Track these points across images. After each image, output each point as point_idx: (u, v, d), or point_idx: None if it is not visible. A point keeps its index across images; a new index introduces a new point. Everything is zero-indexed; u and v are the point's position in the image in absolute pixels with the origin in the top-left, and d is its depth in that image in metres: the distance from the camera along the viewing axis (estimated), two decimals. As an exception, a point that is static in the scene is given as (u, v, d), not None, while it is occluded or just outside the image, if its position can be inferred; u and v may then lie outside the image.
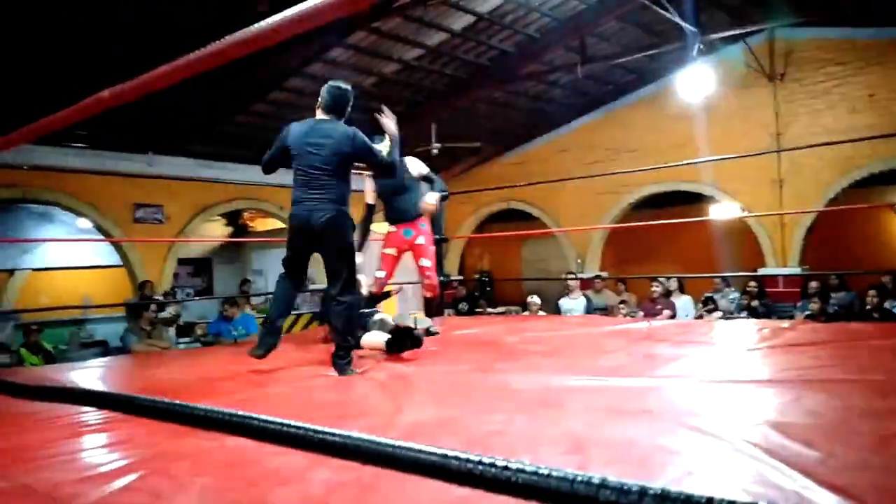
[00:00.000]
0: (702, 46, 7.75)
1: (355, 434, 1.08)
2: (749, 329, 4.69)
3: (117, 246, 8.65)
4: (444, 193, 4.83)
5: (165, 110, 7.86)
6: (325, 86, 3.78)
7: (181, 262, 9.98)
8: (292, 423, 1.15)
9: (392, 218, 4.83)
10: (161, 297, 7.95)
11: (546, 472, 0.72)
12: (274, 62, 7.64)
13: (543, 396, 2.74)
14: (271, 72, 7.88)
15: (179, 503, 1.69)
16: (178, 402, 1.48)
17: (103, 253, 9.98)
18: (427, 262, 4.70)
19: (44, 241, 10.00)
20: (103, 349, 8.57)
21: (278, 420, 1.19)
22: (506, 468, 0.73)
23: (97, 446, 2.29)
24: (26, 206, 9.16)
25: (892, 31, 8.36)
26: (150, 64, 1.29)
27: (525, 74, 9.53)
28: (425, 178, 4.82)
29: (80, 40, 5.91)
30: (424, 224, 4.74)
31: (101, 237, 8.47)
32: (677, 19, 7.44)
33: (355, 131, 3.65)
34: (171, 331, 7.28)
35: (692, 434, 2.08)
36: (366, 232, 4.82)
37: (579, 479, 0.68)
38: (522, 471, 0.73)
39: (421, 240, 4.68)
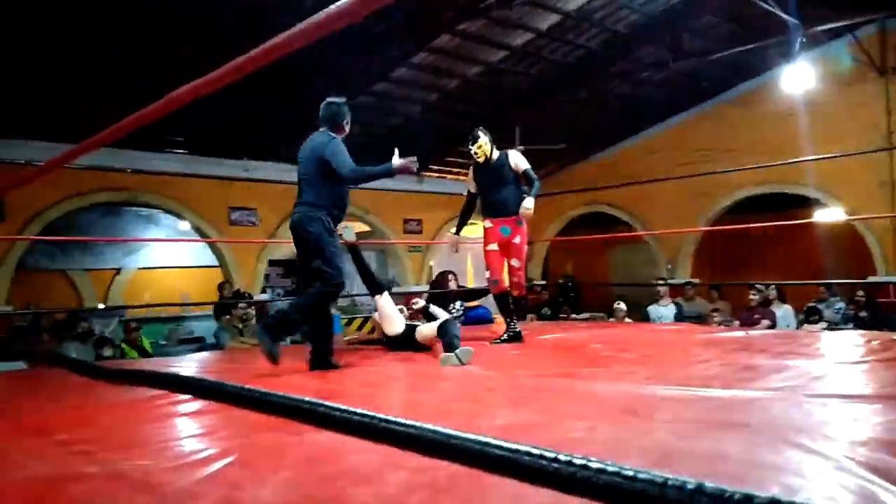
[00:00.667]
0: (804, 40, 7.31)
1: (439, 428, 1.05)
2: (856, 341, 4.35)
3: (214, 247, 9.06)
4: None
5: (258, 116, 8.18)
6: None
7: (272, 263, 10.34)
8: (376, 415, 1.12)
9: (489, 212, 4.78)
10: (246, 297, 8.24)
11: (631, 473, 0.66)
12: (361, 67, 7.80)
13: (630, 405, 2.62)
14: (357, 76, 8.04)
15: (258, 496, 1.70)
16: (262, 390, 1.49)
17: (202, 254, 10.48)
18: (517, 263, 4.70)
19: (145, 240, 10.62)
20: (199, 345, 8.99)
21: (362, 412, 1.17)
22: (584, 467, 0.67)
23: (185, 436, 2.37)
24: (132, 208, 9.75)
25: None
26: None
27: (613, 73, 9.30)
28: (524, 175, 4.74)
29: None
30: (522, 222, 4.69)
31: (199, 238, 8.89)
32: (778, 11, 7.05)
33: (332, 139, 3.79)
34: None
35: (792, 450, 1.92)
36: (462, 220, 5.01)
37: (670, 483, 0.61)
38: (604, 471, 0.67)
39: (517, 240, 4.69)
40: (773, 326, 7.23)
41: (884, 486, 1.58)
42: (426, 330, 4.24)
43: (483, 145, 4.79)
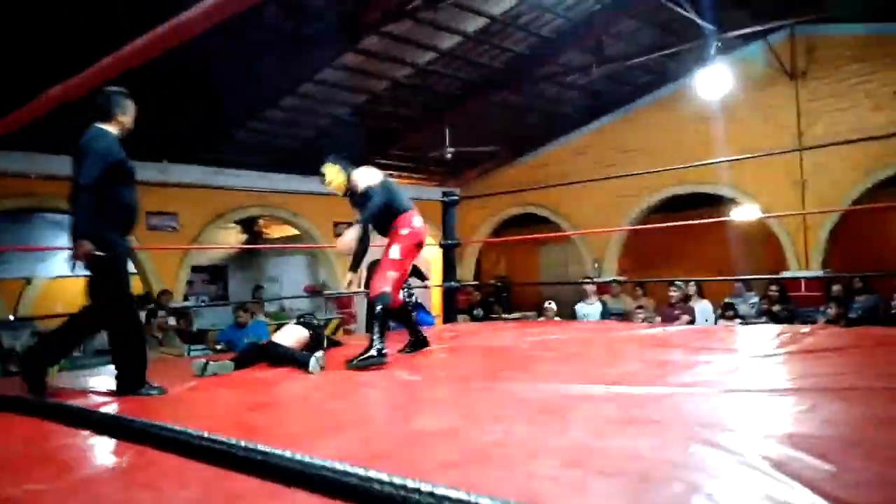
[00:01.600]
0: (720, 45, 7.61)
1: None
2: (767, 334, 4.53)
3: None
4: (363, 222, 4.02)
5: (178, 118, 7.90)
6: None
7: (196, 269, 10.02)
8: (261, 448, 1.06)
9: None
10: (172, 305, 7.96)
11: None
12: (286, 69, 7.65)
13: (549, 405, 2.64)
14: (283, 78, 7.89)
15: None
16: (142, 420, 1.41)
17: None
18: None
19: (57, 248, 10.07)
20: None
21: (249, 446, 1.09)
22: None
23: (84, 457, 2.24)
24: (41, 214, 9.25)
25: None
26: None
27: (540, 77, 9.44)
28: (362, 195, 4.06)
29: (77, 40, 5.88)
30: (397, 225, 4.01)
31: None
32: (695, 17, 7.31)
33: (98, 132, 3.24)
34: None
35: (701, 446, 1.97)
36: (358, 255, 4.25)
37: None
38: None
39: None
40: (692, 322, 7.48)
41: (784, 482, 1.63)
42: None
43: (332, 181, 4.19)
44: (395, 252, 3.93)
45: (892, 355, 3.40)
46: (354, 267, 4.16)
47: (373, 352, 3.65)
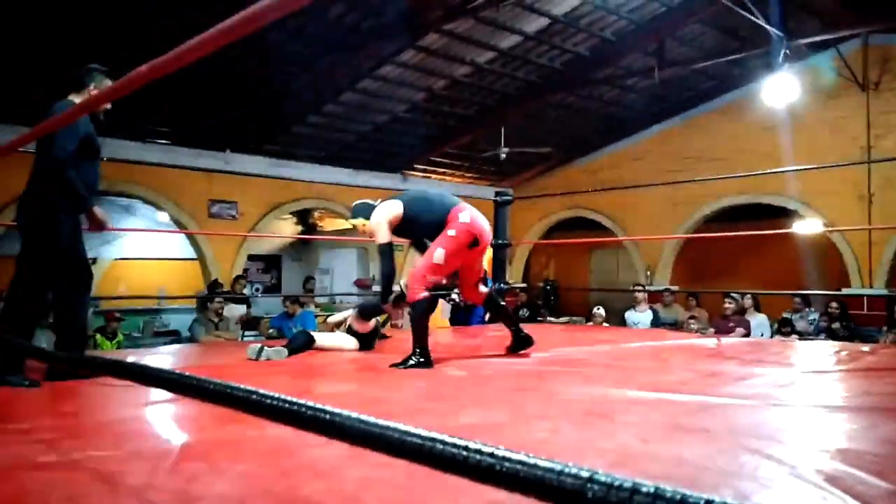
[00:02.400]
0: (788, 52, 7.38)
1: (390, 424, 1.02)
2: (826, 351, 4.40)
3: (192, 239, 8.99)
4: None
5: (241, 110, 8.13)
6: None
7: (252, 258, 10.29)
8: (330, 409, 1.10)
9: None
10: (229, 290, 8.19)
11: (532, 461, 0.67)
12: (347, 64, 7.78)
13: (596, 407, 2.64)
14: (344, 73, 8.02)
15: (212, 489, 1.69)
16: (220, 381, 1.48)
17: (180, 246, 10.40)
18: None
19: (124, 230, 10.50)
20: (174, 338, 8.92)
21: (317, 406, 1.14)
22: (534, 466, 0.67)
23: (147, 427, 2.35)
24: (110, 198, 9.64)
25: None
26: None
27: (600, 79, 9.35)
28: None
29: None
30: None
31: (178, 230, 8.82)
32: (763, 23, 7.11)
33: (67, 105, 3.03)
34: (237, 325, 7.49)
35: (751, 457, 1.94)
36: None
37: (567, 471, 0.62)
38: (508, 459, 0.67)
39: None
40: (747, 335, 7.30)
41: (836, 495, 1.60)
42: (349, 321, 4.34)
43: (362, 226, 4.04)
44: (438, 255, 3.68)
45: (959, 379, 3.26)
46: (384, 299, 3.97)
47: (412, 360, 3.58)
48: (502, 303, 4.27)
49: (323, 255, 12.78)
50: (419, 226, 3.90)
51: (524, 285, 12.36)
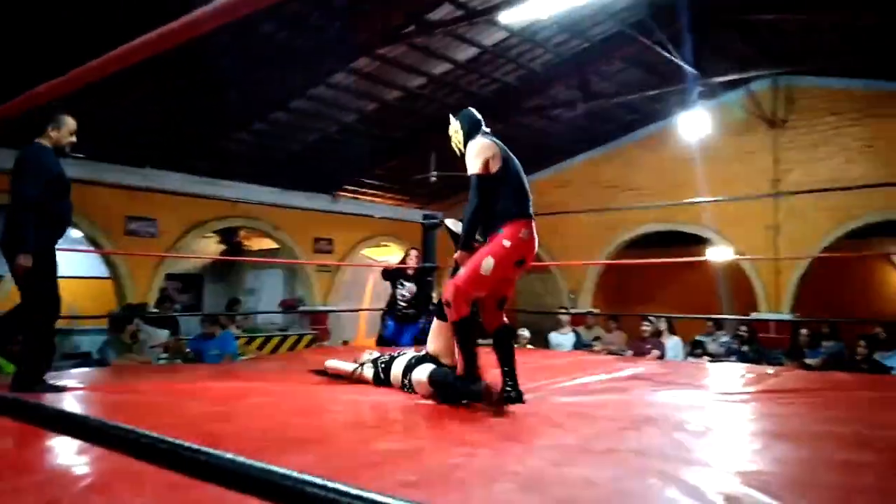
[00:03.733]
0: (702, 89, 7.81)
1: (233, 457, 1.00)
2: (733, 373, 4.62)
3: (106, 258, 8.62)
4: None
5: (165, 124, 7.91)
6: None
7: (171, 277, 9.93)
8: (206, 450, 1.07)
9: None
10: (149, 311, 7.89)
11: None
12: (278, 82, 7.70)
13: (512, 431, 2.69)
14: (275, 92, 7.94)
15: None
16: (100, 420, 1.43)
17: (92, 264, 9.94)
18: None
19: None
20: (84, 361, 8.46)
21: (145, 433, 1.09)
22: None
23: (46, 459, 2.24)
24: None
25: (891, 84, 8.44)
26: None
27: (528, 108, 9.60)
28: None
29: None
30: (501, 230, 3.23)
31: (92, 248, 8.44)
32: (679, 62, 7.50)
33: (32, 148, 3.55)
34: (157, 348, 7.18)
35: (655, 479, 2.02)
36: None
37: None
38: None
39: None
40: (662, 357, 7.57)
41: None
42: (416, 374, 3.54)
43: (453, 133, 3.57)
44: (487, 266, 3.16)
45: (849, 400, 3.49)
46: (462, 245, 3.30)
47: (461, 387, 3.21)
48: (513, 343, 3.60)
49: (248, 275, 12.48)
50: (494, 200, 3.26)
51: (452, 308, 12.41)
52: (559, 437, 2.60)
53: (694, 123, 8.14)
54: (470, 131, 3.46)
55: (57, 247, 3.63)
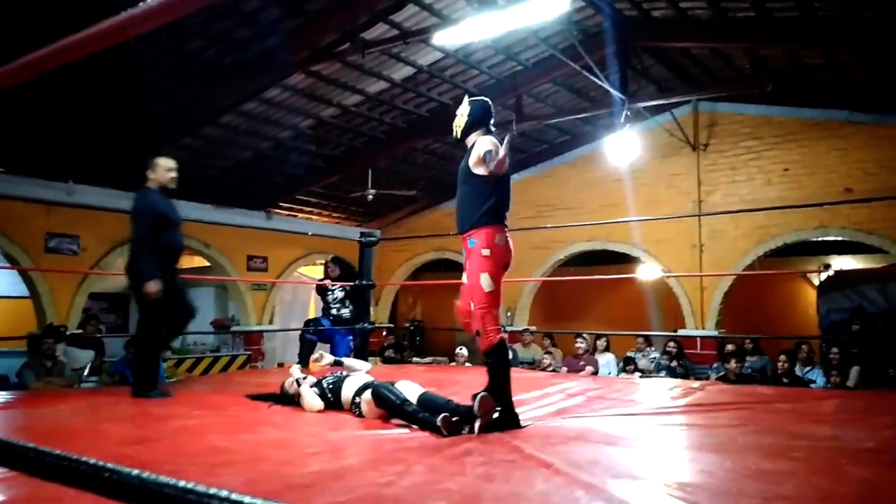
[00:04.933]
0: (629, 113, 8.09)
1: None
2: (661, 388, 4.76)
3: (25, 276, 8.19)
4: None
5: (89, 138, 7.62)
6: None
7: (95, 296, 9.50)
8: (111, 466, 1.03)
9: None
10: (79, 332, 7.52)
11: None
12: (208, 97, 7.55)
13: (444, 448, 2.68)
14: (205, 106, 7.77)
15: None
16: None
17: (9, 283, 9.44)
18: (472, 304, 3.26)
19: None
20: (0, 384, 7.99)
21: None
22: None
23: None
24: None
25: (806, 111, 8.97)
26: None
27: (463, 128, 9.70)
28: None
29: None
30: (474, 241, 3.30)
31: (9, 265, 8.01)
32: (607, 86, 7.76)
33: (140, 193, 4.24)
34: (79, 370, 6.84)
35: (584, 492, 2.06)
36: None
37: None
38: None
39: (467, 266, 3.36)
40: (595, 373, 7.73)
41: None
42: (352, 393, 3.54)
43: (458, 116, 3.48)
44: (486, 282, 3.19)
45: (770, 412, 3.65)
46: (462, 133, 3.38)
47: (496, 414, 3.08)
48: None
49: (177, 295, 12.06)
50: (479, 198, 3.30)
51: (391, 325, 12.38)
52: (490, 453, 2.62)
53: (622, 146, 8.41)
54: (474, 123, 3.40)
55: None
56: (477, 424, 2.97)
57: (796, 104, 9.01)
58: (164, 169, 4.25)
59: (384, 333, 11.42)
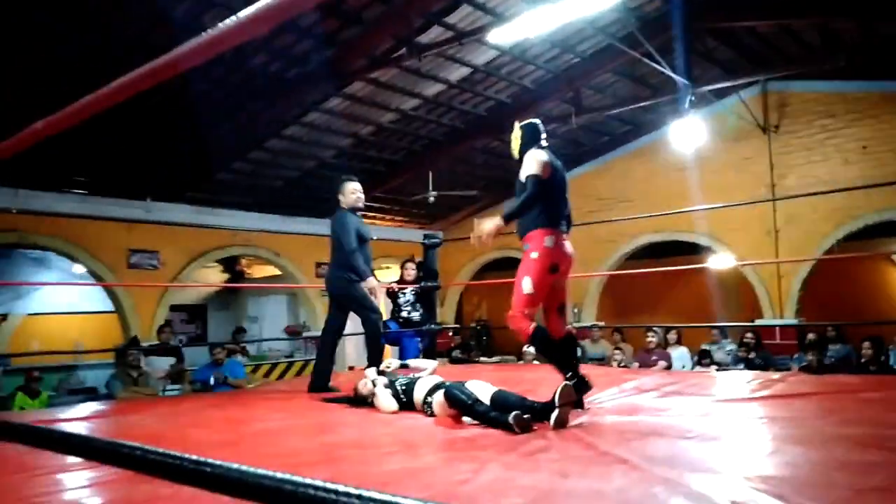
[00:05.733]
0: (694, 98, 7.86)
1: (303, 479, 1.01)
2: (739, 380, 4.61)
3: (110, 292, 8.64)
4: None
5: (164, 157, 7.98)
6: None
7: (175, 308, 9.95)
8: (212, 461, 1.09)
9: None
10: (152, 343, 7.88)
11: (368, 495, 0.72)
12: (272, 111, 7.78)
13: (519, 445, 2.68)
14: (269, 121, 8.01)
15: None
16: (117, 441, 1.44)
17: (96, 299, 9.98)
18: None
19: (38, 284, 10.02)
20: (91, 396, 8.47)
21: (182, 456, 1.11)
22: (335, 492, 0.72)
23: (57, 489, 2.23)
24: (23, 251, 9.20)
25: (883, 84, 8.50)
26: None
27: (521, 125, 9.65)
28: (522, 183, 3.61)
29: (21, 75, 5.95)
30: (528, 245, 3.56)
31: (96, 282, 8.47)
32: (669, 72, 7.57)
33: (338, 213, 4.72)
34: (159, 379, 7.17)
35: (663, 487, 2.02)
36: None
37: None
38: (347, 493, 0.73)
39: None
40: (669, 367, 7.55)
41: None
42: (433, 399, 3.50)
43: (513, 140, 3.82)
44: (527, 286, 3.40)
45: (856, 402, 3.48)
46: (505, 217, 3.58)
47: (568, 384, 3.15)
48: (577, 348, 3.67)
49: (251, 303, 12.49)
50: (538, 204, 3.50)
51: (457, 326, 12.42)
52: (565, 450, 2.60)
53: (687, 133, 8.17)
54: (528, 142, 3.73)
55: (61, 282, 3.91)
56: (554, 416, 2.97)
57: (872, 78, 8.55)
58: (350, 191, 4.72)
59: (450, 334, 11.47)
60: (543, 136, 3.80)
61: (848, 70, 8.11)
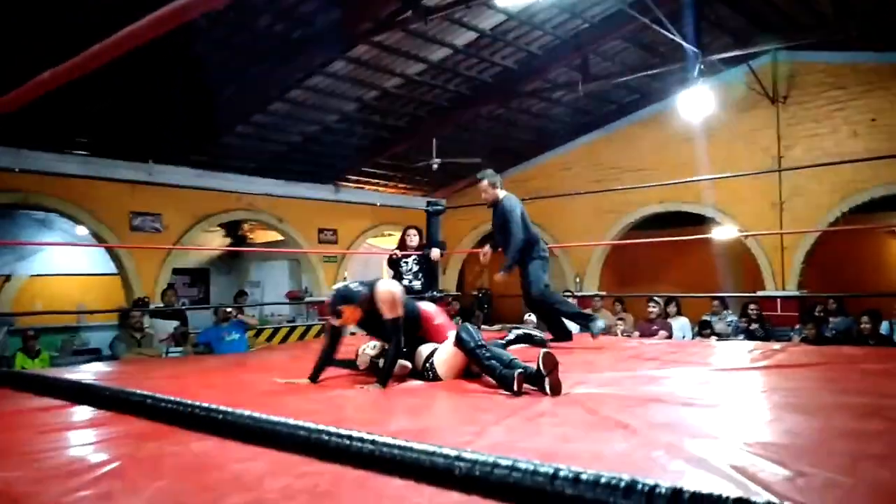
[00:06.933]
0: (703, 67, 7.74)
1: (304, 423, 1.03)
2: (740, 350, 4.63)
3: (113, 254, 8.65)
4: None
5: (167, 119, 7.91)
6: None
7: (177, 271, 9.97)
8: (233, 410, 1.11)
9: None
10: (156, 305, 7.92)
11: (408, 445, 0.73)
12: (276, 74, 7.69)
13: (520, 410, 2.70)
14: (273, 83, 7.92)
15: (128, 506, 1.65)
16: (129, 389, 1.45)
17: (99, 261, 10.00)
18: None
19: (41, 244, 10.03)
20: (95, 357, 8.54)
21: (223, 409, 1.15)
22: (372, 442, 0.72)
23: (64, 446, 2.27)
24: (25, 211, 9.19)
25: (894, 55, 8.36)
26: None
27: (527, 91, 9.55)
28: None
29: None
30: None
31: (99, 244, 8.48)
32: (679, 40, 7.45)
33: (508, 201, 5.25)
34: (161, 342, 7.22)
35: (663, 451, 2.04)
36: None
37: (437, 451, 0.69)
38: (386, 444, 0.73)
39: None
40: (669, 337, 7.58)
41: (741, 483, 1.70)
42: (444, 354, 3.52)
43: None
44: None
45: (856, 373, 3.50)
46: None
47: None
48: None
49: (253, 268, 12.52)
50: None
51: (458, 294, 12.46)
52: (567, 414, 2.62)
53: (695, 102, 8.06)
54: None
55: (65, 242, 3.79)
56: (547, 383, 2.99)
57: (884, 49, 8.41)
58: (501, 181, 5.36)
59: (449, 301, 11.51)
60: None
61: (860, 41, 7.98)
